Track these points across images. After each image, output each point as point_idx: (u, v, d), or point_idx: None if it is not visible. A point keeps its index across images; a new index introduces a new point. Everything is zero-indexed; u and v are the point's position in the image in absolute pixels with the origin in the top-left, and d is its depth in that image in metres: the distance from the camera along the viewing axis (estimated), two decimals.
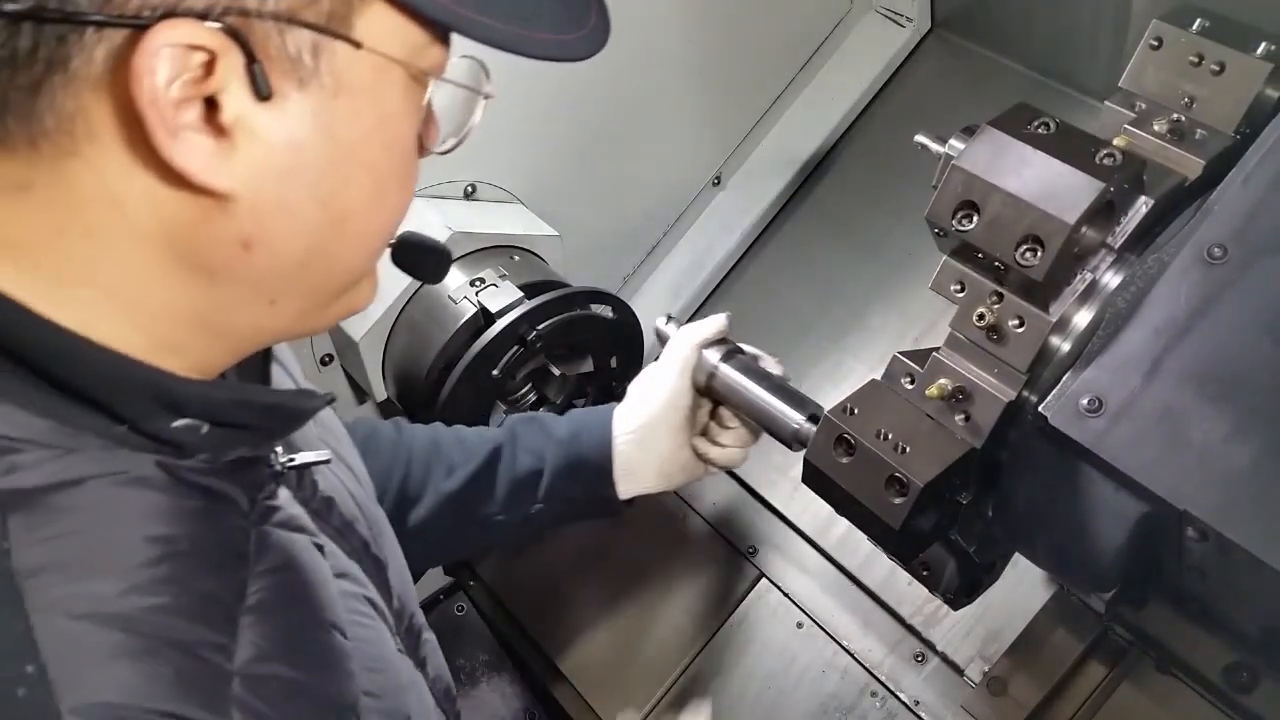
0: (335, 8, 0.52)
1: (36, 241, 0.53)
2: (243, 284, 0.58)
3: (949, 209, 0.83)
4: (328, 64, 0.53)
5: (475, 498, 1.10)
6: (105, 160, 0.51)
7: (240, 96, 0.51)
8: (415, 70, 0.57)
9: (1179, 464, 0.75)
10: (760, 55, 1.60)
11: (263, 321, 0.62)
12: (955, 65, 1.63)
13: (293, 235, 0.57)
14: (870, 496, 0.88)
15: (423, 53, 0.57)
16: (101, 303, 0.55)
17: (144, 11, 0.47)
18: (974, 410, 0.86)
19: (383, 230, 0.63)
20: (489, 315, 1.24)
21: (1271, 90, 0.88)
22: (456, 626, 1.53)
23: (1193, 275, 0.78)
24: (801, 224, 1.65)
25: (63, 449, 0.53)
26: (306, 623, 0.63)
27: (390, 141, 0.59)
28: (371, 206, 0.60)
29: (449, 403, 1.24)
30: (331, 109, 0.54)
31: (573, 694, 1.42)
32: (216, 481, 0.60)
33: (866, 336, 1.51)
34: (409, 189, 0.64)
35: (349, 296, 0.65)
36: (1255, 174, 0.80)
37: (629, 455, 1.12)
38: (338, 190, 0.57)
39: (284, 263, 0.58)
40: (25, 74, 0.48)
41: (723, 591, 1.43)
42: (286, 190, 0.55)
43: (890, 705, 1.29)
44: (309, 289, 0.61)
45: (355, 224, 0.60)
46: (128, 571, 0.53)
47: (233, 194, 0.53)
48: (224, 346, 0.63)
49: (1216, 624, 0.94)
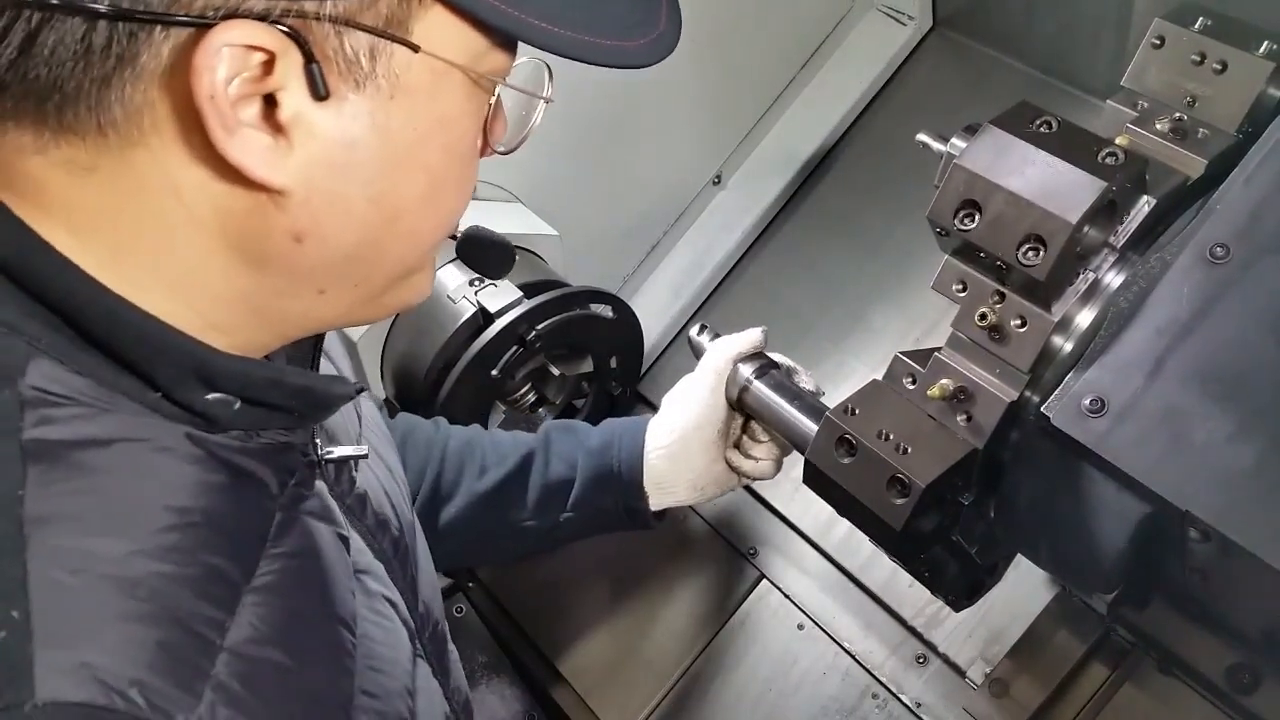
0: (394, 12, 0.53)
1: (98, 218, 0.54)
2: (293, 273, 0.59)
3: (951, 208, 0.83)
4: (385, 66, 0.54)
5: (506, 501, 1.11)
6: (167, 152, 0.53)
7: (298, 95, 0.52)
8: (476, 74, 0.58)
9: (1182, 464, 0.74)
10: (761, 54, 1.60)
11: (312, 309, 0.63)
12: (957, 64, 1.62)
13: (344, 230, 0.58)
14: (871, 497, 0.87)
15: (484, 57, 0.58)
16: (153, 279, 0.56)
17: (208, 12, 0.49)
18: (976, 410, 0.86)
19: (437, 228, 0.64)
20: (488, 315, 1.24)
21: (1274, 89, 0.88)
22: (455, 628, 1.51)
23: (1195, 275, 0.78)
24: (802, 224, 1.64)
25: (97, 409, 0.55)
26: (312, 612, 0.63)
27: (449, 143, 0.60)
28: (425, 205, 0.61)
29: (448, 402, 1.24)
30: (388, 110, 0.55)
31: (572, 696, 1.42)
32: (247, 460, 0.61)
33: (868, 336, 1.50)
34: (468, 188, 0.65)
35: (403, 289, 0.66)
36: (1257, 173, 0.79)
37: (661, 468, 1.12)
38: (391, 189, 0.58)
39: (334, 255, 0.59)
40: (99, 67, 0.50)
41: (723, 593, 1.42)
42: (340, 187, 0.56)
43: (892, 707, 1.29)
44: (360, 280, 0.62)
45: (408, 221, 0.60)
46: (137, 536, 0.53)
47: (287, 189, 0.54)
48: (272, 331, 0.64)
49: (1219, 625, 0.94)
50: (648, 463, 1.12)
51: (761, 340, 1.13)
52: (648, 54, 0.61)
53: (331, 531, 0.68)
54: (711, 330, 1.17)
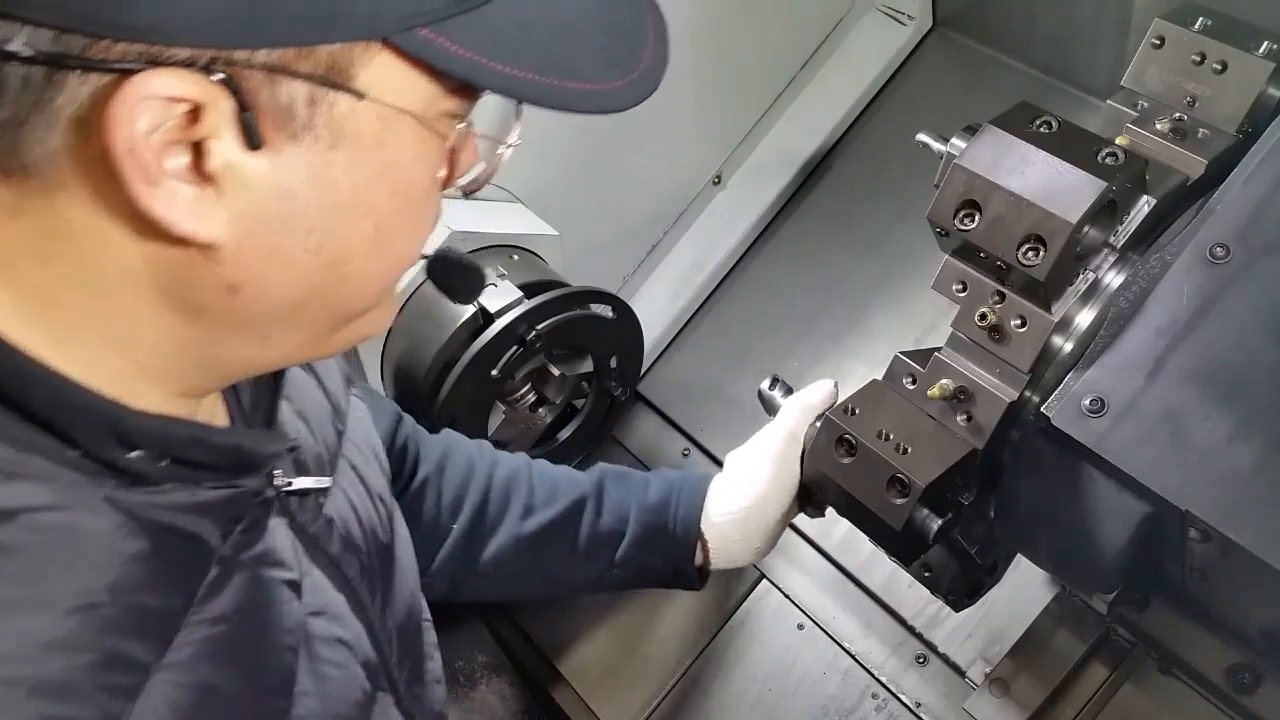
0: (334, 59, 0.50)
1: (22, 263, 0.52)
2: (232, 323, 0.57)
3: (951, 208, 0.83)
4: (326, 115, 0.51)
5: (550, 547, 1.06)
6: (91, 200, 0.50)
7: (229, 145, 0.49)
8: (430, 118, 0.55)
9: (1181, 464, 0.74)
10: (761, 54, 1.59)
11: (257, 355, 0.60)
12: (957, 64, 1.62)
13: (283, 281, 0.55)
14: (871, 497, 0.87)
15: (440, 100, 0.55)
16: (84, 326, 0.54)
17: (128, 58, 0.46)
18: (976, 410, 0.86)
19: (388, 272, 0.61)
20: (488, 315, 1.24)
21: (1274, 89, 0.88)
22: (455, 628, 1.52)
23: (1195, 275, 0.78)
24: (802, 224, 1.64)
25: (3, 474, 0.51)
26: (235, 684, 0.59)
27: (398, 188, 0.57)
28: (373, 251, 0.58)
29: (448, 402, 1.24)
30: (328, 159, 0.52)
31: (572, 695, 1.42)
32: (180, 516, 0.58)
33: (867, 336, 1.50)
34: (422, 229, 0.62)
35: (359, 325, 0.63)
36: (1257, 173, 0.79)
37: (728, 535, 1.06)
38: (333, 237, 0.55)
39: (275, 305, 0.56)
40: (10, 108, 0.47)
41: (723, 592, 1.42)
42: (276, 238, 0.53)
43: (892, 707, 1.29)
44: (307, 325, 0.60)
45: (355, 267, 0.58)
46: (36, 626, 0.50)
47: (217, 242, 0.51)
48: (215, 376, 0.62)
49: (1219, 625, 0.94)
50: (713, 526, 1.06)
51: (834, 392, 1.06)
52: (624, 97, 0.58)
53: (277, 579, 0.65)
54: (784, 384, 1.09)
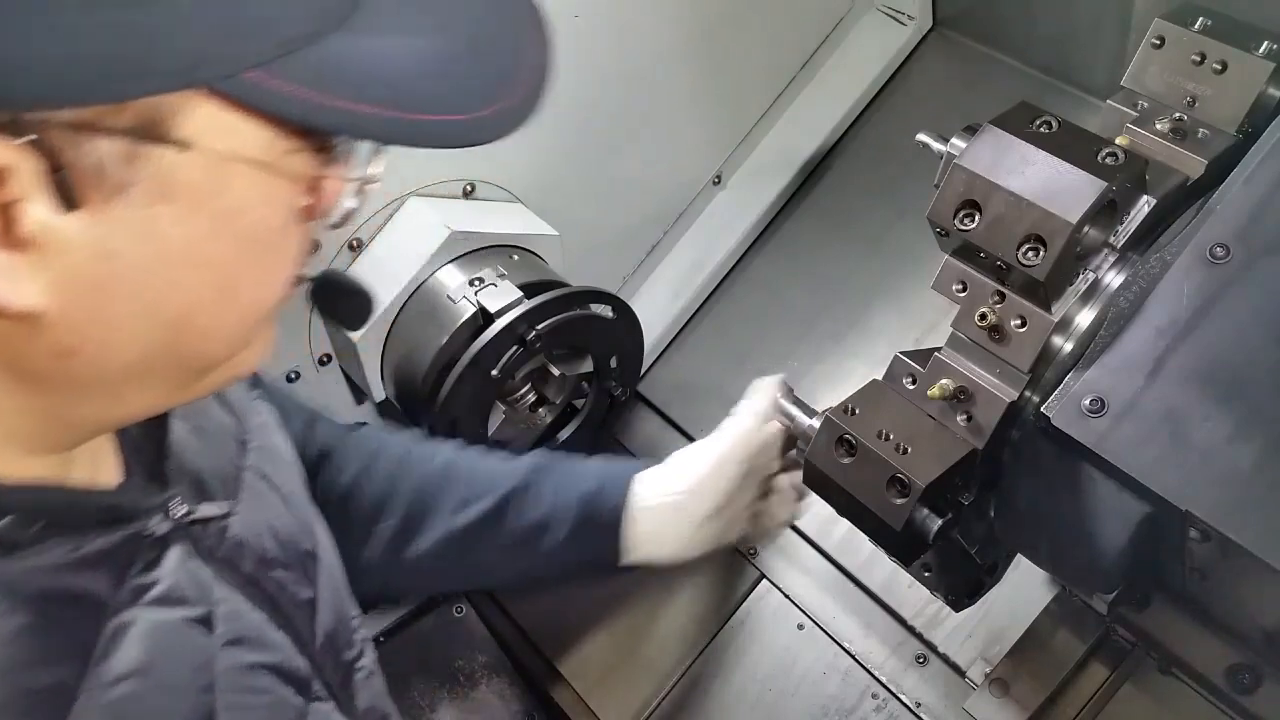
0: (151, 112, 0.46)
1: None
2: (75, 387, 0.54)
3: (951, 208, 0.83)
4: (150, 169, 0.47)
5: (480, 540, 1.04)
6: None
7: (42, 207, 0.46)
8: (273, 159, 0.51)
9: (1181, 464, 0.74)
10: (761, 54, 1.59)
11: (112, 413, 0.58)
12: (957, 64, 1.62)
13: (122, 343, 0.52)
14: (871, 497, 0.87)
15: (280, 140, 0.51)
16: None
17: None
18: (976, 410, 0.86)
19: (242, 320, 0.57)
20: (488, 315, 1.24)
21: (1274, 89, 0.88)
22: (455, 628, 1.52)
23: (1195, 275, 0.78)
24: (802, 223, 1.64)
25: None
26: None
27: (242, 234, 0.53)
28: (220, 301, 0.54)
29: (448, 403, 1.24)
30: (156, 215, 0.49)
31: (572, 695, 1.42)
32: (65, 576, 0.55)
33: (867, 336, 1.50)
34: (279, 270, 0.57)
35: (227, 368, 0.60)
36: (1257, 173, 0.79)
37: (646, 525, 1.05)
38: (170, 294, 0.52)
39: (118, 366, 0.53)
40: None
41: (723, 592, 1.42)
42: (104, 301, 0.50)
43: (892, 707, 1.29)
44: (159, 381, 0.56)
45: (202, 320, 0.54)
46: None
47: (37, 309, 0.48)
48: (76, 435, 0.59)
49: (1219, 625, 0.94)
50: (635, 515, 1.05)
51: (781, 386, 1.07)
52: (490, 129, 0.54)
53: (181, 620, 0.62)
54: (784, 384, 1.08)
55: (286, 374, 1.33)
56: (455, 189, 1.34)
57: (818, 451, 0.92)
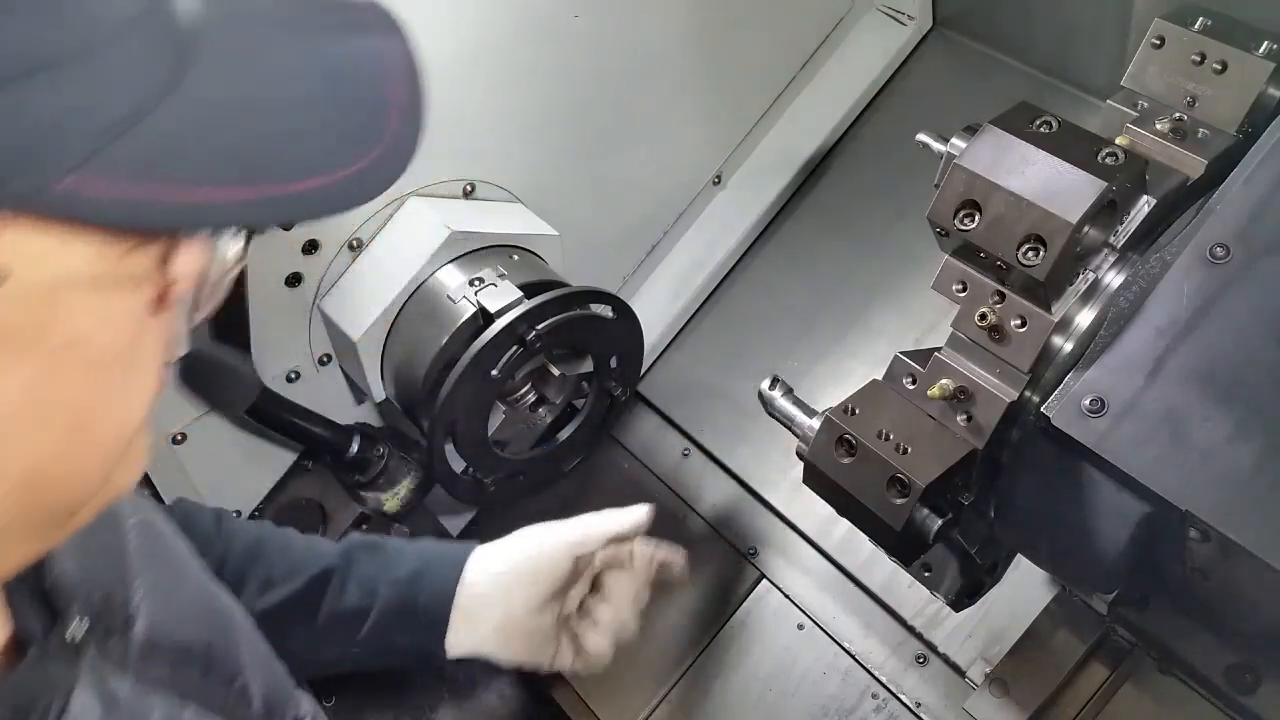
0: None
1: None
2: None
3: (951, 208, 0.83)
4: None
5: (288, 623, 0.96)
6: None
7: None
8: (108, 269, 0.43)
9: (1181, 464, 0.74)
10: (761, 54, 1.59)
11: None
12: (957, 64, 1.63)
13: None
14: (871, 497, 0.87)
15: (113, 243, 0.42)
16: None
17: None
18: (976, 410, 0.86)
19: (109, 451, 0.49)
20: (488, 315, 1.24)
21: (1274, 89, 0.88)
22: None
23: (1195, 275, 0.78)
24: (802, 223, 1.64)
25: None
26: None
27: (91, 361, 0.45)
28: (74, 443, 0.46)
29: (448, 403, 1.24)
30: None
31: (572, 695, 1.42)
32: None
33: (867, 336, 1.50)
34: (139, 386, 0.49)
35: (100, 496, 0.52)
36: (1257, 173, 0.79)
37: (470, 613, 1.00)
38: (8, 455, 0.44)
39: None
40: None
41: (723, 593, 1.42)
42: None
43: (892, 707, 1.29)
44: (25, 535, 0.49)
45: (55, 470, 0.46)
46: None
47: None
48: None
49: (1219, 625, 0.94)
50: (461, 604, 1.00)
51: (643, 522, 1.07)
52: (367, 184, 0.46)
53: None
54: (784, 384, 1.05)
55: (286, 374, 1.33)
56: (455, 189, 1.34)
57: (818, 451, 0.92)
